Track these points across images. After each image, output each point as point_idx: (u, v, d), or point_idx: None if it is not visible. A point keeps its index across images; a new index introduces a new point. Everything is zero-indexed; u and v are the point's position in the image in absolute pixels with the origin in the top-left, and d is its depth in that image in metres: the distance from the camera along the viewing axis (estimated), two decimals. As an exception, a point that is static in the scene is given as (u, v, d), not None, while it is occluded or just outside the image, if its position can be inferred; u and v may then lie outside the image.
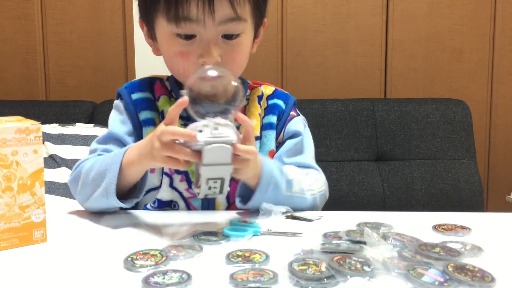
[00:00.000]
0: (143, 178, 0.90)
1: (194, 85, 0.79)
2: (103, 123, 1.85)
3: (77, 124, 1.83)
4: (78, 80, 2.14)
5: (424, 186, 1.77)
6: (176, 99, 0.88)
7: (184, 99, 0.77)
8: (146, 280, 0.60)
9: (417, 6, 2.05)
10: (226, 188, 0.77)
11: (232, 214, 0.91)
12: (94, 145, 1.01)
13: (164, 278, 0.61)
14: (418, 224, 0.83)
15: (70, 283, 0.62)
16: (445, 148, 1.83)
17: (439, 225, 0.82)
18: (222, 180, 0.76)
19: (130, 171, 0.87)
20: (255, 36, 1.02)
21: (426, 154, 1.82)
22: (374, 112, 1.85)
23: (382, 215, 0.90)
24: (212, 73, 0.81)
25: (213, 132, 0.74)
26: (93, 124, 1.84)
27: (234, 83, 0.80)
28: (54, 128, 1.78)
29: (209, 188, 0.76)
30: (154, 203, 0.98)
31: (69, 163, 1.67)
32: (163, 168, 0.99)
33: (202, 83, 0.80)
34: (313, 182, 0.99)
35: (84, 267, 0.67)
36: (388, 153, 1.84)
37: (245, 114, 1.03)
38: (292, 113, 1.08)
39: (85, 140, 1.74)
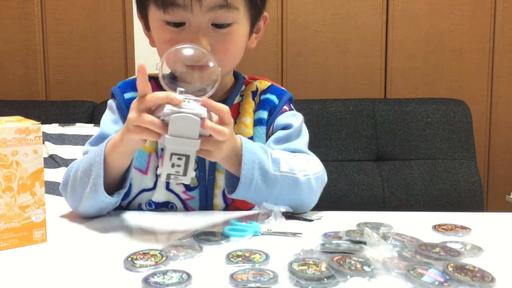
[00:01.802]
0: (128, 169, 0.87)
1: (168, 58, 0.78)
2: (103, 123, 1.85)
3: (77, 124, 1.83)
4: (78, 80, 2.14)
5: (424, 186, 1.77)
6: None
7: (141, 64, 0.76)
8: (146, 280, 0.60)
9: (417, 6, 2.05)
10: (191, 171, 0.73)
11: (232, 214, 0.91)
12: (86, 147, 0.99)
13: (164, 278, 0.61)
14: (418, 224, 0.83)
15: (70, 283, 0.62)
16: (445, 148, 1.83)
17: (439, 225, 0.82)
18: (187, 158, 0.72)
19: (114, 157, 0.84)
20: (253, 30, 0.99)
21: (426, 154, 1.82)
22: (374, 112, 1.85)
23: (382, 215, 0.90)
24: (189, 50, 0.79)
25: (182, 104, 0.72)
26: (93, 124, 1.84)
27: (211, 64, 0.79)
28: (54, 128, 1.78)
29: (172, 165, 0.72)
30: (149, 205, 0.98)
31: (69, 163, 1.66)
32: (157, 170, 0.97)
33: (178, 58, 0.79)
34: (303, 163, 0.93)
35: (84, 267, 0.67)
36: (388, 153, 1.84)
37: (238, 111, 1.01)
38: (285, 107, 1.03)
39: (85, 140, 1.73)
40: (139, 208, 0.99)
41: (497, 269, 0.62)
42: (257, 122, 1.01)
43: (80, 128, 1.80)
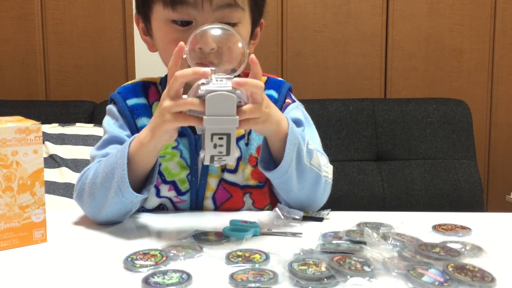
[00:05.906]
0: (154, 165, 0.85)
1: (195, 40, 0.78)
2: (103, 123, 1.85)
3: (77, 124, 1.83)
4: (78, 80, 2.14)
5: (424, 186, 1.77)
6: None
7: (181, 44, 0.75)
8: (146, 280, 0.60)
9: (417, 6, 2.05)
10: (234, 149, 0.72)
11: (232, 214, 0.91)
12: (93, 152, 0.96)
13: (164, 278, 0.61)
14: (418, 224, 0.83)
15: (70, 283, 0.63)
16: (445, 148, 1.82)
17: (439, 225, 0.82)
18: (228, 136, 0.71)
19: (141, 155, 0.82)
20: (252, 36, 0.99)
21: (426, 154, 1.82)
22: (374, 112, 1.85)
23: (382, 215, 0.90)
24: (216, 30, 0.79)
25: (215, 83, 0.71)
26: (93, 124, 1.84)
27: (240, 45, 0.78)
28: (54, 128, 1.78)
29: (215, 146, 0.71)
30: (142, 211, 0.97)
31: (69, 163, 1.66)
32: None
33: (205, 39, 0.79)
34: (327, 164, 0.95)
35: (84, 267, 0.67)
36: (388, 153, 1.84)
37: None
38: (287, 100, 1.02)
39: (85, 140, 1.73)
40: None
41: (497, 269, 0.62)
42: None
43: (80, 128, 1.80)
